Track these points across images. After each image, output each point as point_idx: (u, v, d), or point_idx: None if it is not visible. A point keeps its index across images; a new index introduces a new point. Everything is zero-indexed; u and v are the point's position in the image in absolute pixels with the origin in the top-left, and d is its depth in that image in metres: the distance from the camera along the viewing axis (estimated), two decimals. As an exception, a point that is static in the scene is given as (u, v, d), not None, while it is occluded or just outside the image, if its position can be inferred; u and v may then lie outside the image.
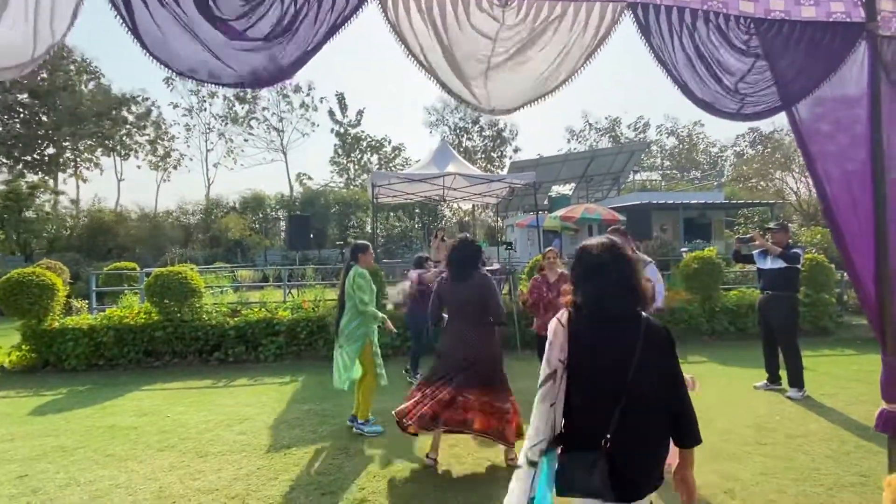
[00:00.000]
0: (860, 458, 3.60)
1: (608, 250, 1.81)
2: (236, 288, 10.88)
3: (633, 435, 1.68)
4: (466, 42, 2.29)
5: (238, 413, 4.92)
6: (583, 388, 1.75)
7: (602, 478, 1.64)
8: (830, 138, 2.57)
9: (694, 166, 40.12)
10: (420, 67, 2.35)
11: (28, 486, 3.41)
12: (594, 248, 1.84)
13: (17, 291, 6.85)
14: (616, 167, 23.63)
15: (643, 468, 1.72)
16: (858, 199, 2.44)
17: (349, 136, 35.70)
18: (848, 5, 2.47)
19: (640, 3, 2.34)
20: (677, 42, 2.42)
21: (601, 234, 2.13)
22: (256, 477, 3.48)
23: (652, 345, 1.71)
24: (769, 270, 5.29)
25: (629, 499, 1.69)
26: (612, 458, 1.66)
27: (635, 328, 1.73)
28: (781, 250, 5.11)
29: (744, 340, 7.87)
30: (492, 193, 11.05)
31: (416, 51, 2.33)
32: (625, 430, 1.66)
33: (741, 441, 3.95)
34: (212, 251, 22.54)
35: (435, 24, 2.25)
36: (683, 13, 2.40)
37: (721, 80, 2.44)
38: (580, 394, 1.76)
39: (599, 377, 1.73)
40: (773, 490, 3.17)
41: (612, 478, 1.64)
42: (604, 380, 1.72)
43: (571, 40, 2.34)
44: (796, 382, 5.05)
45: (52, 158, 26.69)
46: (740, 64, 2.43)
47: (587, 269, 1.83)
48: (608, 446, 1.66)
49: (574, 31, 2.34)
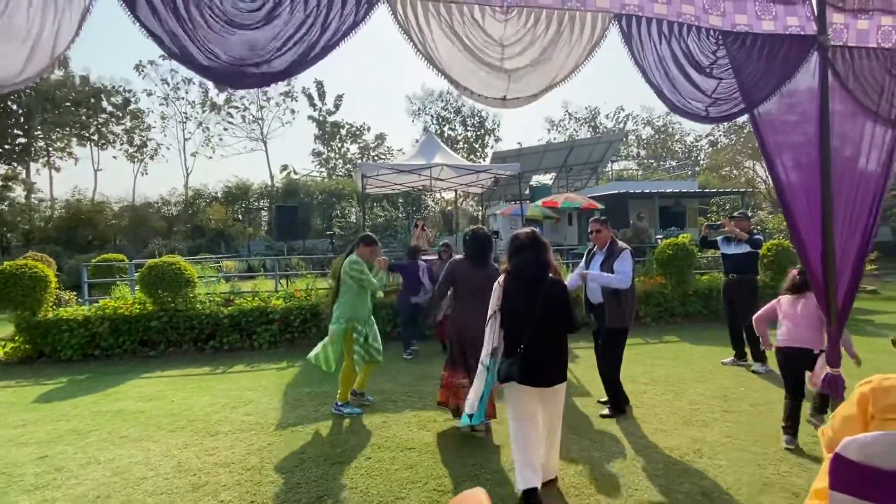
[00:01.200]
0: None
1: (529, 237, 2.96)
2: (228, 278, 10.99)
3: (539, 346, 2.82)
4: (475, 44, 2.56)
5: (241, 396, 5.15)
6: (510, 321, 2.92)
7: (518, 369, 2.78)
8: (785, 134, 2.91)
9: (670, 155, 41.02)
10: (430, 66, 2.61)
11: (51, 465, 3.61)
12: (521, 234, 2.99)
13: (9, 284, 6.89)
14: (595, 157, 24.13)
15: (547, 365, 2.86)
16: (808, 188, 2.80)
17: (327, 123, 35.46)
18: (802, 20, 2.82)
19: (625, 15, 2.65)
20: (654, 50, 2.73)
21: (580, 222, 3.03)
22: (268, 451, 3.74)
23: (551, 296, 2.85)
24: (733, 255, 5.75)
25: (540, 384, 2.85)
26: (526, 359, 2.79)
27: (542, 286, 2.85)
28: (748, 236, 5.54)
29: (715, 322, 8.36)
30: (477, 183, 11.33)
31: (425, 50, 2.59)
32: (534, 344, 2.81)
33: (709, 410, 4.36)
34: (194, 242, 22.37)
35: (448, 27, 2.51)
36: (661, 24, 2.71)
37: (691, 86, 2.77)
38: (508, 325, 2.92)
39: (518, 315, 2.87)
40: (736, 450, 3.57)
41: (526, 370, 2.78)
42: (521, 317, 2.85)
43: (569, 46, 2.63)
44: (759, 357, 5.50)
45: (24, 147, 25.97)
46: (707, 74, 2.76)
47: (515, 249, 2.96)
48: (522, 352, 2.80)
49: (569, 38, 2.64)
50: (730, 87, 2.84)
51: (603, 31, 2.71)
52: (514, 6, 2.57)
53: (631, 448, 3.64)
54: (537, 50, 2.68)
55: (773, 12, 2.81)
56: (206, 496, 3.09)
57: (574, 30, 2.68)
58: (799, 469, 3.26)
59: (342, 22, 2.40)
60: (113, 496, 3.13)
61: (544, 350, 2.83)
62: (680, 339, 7.24)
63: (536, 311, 2.79)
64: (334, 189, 27.99)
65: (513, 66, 2.70)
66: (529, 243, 2.91)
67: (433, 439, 3.87)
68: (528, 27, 2.64)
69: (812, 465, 3.29)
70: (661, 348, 6.77)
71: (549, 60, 2.71)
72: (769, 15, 2.82)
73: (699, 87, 2.79)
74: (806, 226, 2.83)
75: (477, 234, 4.04)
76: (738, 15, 2.79)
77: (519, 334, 2.83)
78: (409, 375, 5.69)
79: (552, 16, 2.66)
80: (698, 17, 2.76)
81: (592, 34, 2.70)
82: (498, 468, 3.38)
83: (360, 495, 3.06)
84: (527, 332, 2.80)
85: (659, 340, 7.22)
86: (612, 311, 4.20)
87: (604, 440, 3.80)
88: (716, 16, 2.78)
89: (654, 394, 4.83)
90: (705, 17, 2.77)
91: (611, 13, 2.67)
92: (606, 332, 4.28)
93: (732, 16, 2.79)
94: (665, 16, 2.73)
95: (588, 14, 2.67)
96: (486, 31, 2.58)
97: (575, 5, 2.61)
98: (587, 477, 3.21)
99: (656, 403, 4.56)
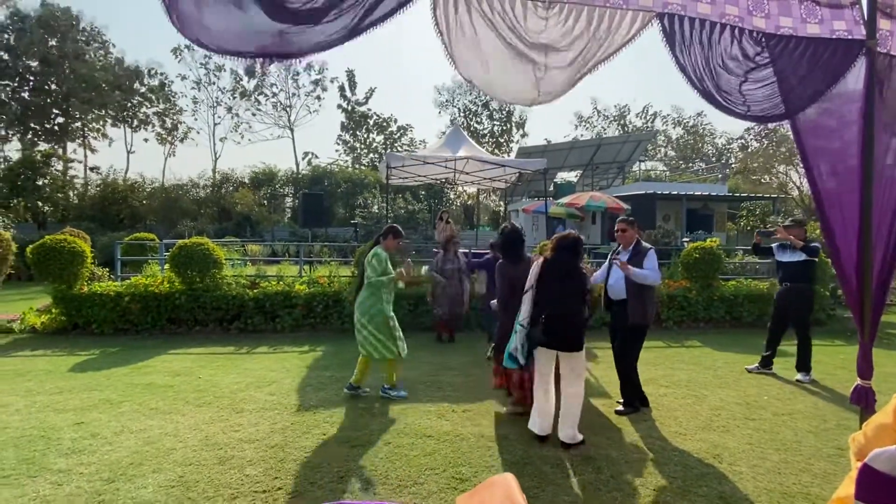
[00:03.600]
0: (839, 433, 3.96)
1: (574, 240, 3.80)
2: (253, 261, 11.23)
3: (557, 317, 3.60)
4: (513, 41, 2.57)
5: (265, 376, 5.29)
6: (539, 296, 3.69)
7: (541, 335, 3.60)
8: (826, 139, 2.85)
9: (699, 157, 40.14)
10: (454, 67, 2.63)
11: (87, 431, 3.78)
12: (570, 236, 3.83)
13: (49, 257, 7.18)
14: (622, 156, 23.77)
15: (567, 332, 3.61)
16: (846, 197, 2.73)
17: (356, 113, 35.69)
18: (849, 23, 2.74)
19: (667, 14, 2.62)
20: (697, 49, 2.70)
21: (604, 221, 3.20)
22: (291, 431, 3.85)
23: (574, 285, 3.70)
24: (789, 263, 5.58)
25: (560, 349, 3.64)
26: (548, 327, 3.59)
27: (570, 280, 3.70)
28: (803, 244, 5.40)
29: (738, 328, 8.24)
30: (501, 178, 11.30)
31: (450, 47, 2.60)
32: (554, 316, 3.60)
33: (730, 416, 4.32)
34: (221, 225, 22.84)
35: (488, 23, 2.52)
36: (704, 24, 2.67)
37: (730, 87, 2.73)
38: (537, 298, 3.69)
39: (547, 294, 3.66)
40: (757, 457, 3.54)
41: (549, 336, 3.59)
42: (548, 295, 3.66)
43: (605, 42, 2.62)
44: (805, 367, 5.41)
45: (62, 127, 26.81)
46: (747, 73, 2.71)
47: (560, 246, 3.78)
48: (544, 321, 3.60)
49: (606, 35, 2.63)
50: (769, 91, 2.79)
51: (640, 29, 2.68)
52: (556, 2, 2.57)
53: (649, 449, 3.64)
54: (576, 47, 2.67)
55: (819, 15, 2.74)
56: (232, 469, 3.21)
57: (612, 27, 2.67)
58: (821, 480, 3.22)
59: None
60: (145, 464, 3.27)
61: (561, 323, 3.61)
62: (702, 344, 7.15)
63: (561, 293, 3.64)
64: (357, 178, 28.20)
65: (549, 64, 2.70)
66: (572, 245, 3.76)
67: (451, 428, 3.93)
68: (567, 24, 2.64)
69: (835, 478, 3.24)
70: (683, 352, 6.70)
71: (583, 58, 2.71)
72: (815, 18, 2.75)
73: (740, 89, 2.75)
74: (841, 235, 2.77)
75: (512, 233, 4.35)
76: (783, 17, 2.72)
77: (544, 308, 3.63)
78: (430, 366, 5.76)
79: (593, 13, 2.65)
80: (742, 17, 2.71)
81: (629, 32, 2.68)
82: (515, 459, 3.42)
83: (380, 478, 3.13)
84: (550, 307, 3.61)
85: (681, 344, 7.14)
86: (636, 307, 4.21)
87: (621, 440, 3.80)
88: (760, 17, 2.73)
89: (674, 397, 4.80)
90: (749, 18, 2.72)
91: (653, 11, 2.64)
92: (628, 328, 4.28)
93: (777, 18, 2.72)
94: (708, 16, 2.69)
95: (629, 12, 2.65)
96: (527, 28, 2.58)
97: (618, 3, 2.59)
98: (604, 475, 3.22)
99: (676, 407, 4.53)
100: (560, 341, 3.62)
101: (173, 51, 30.78)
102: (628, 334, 4.33)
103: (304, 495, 2.92)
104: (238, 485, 3.02)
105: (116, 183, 24.96)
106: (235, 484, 3.03)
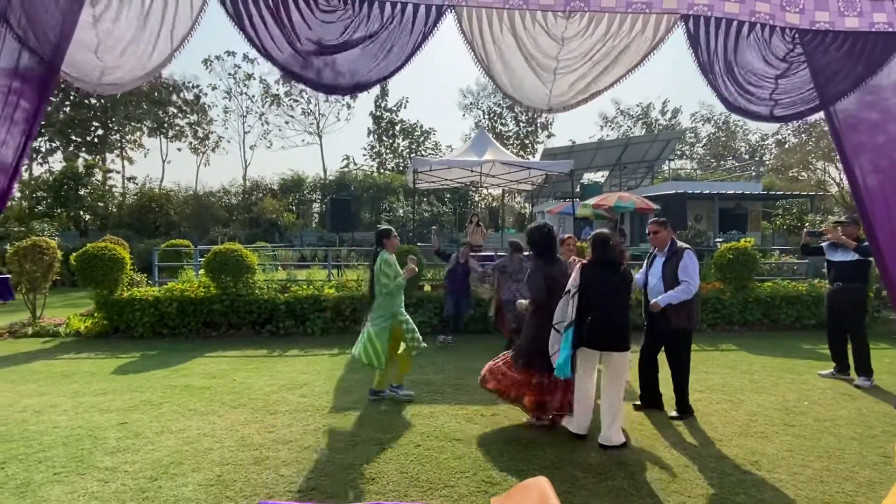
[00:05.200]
0: (885, 441, 3.80)
1: (605, 235, 3.83)
2: (284, 266, 11.49)
3: (603, 318, 3.60)
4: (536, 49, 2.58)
5: (296, 379, 5.40)
6: (585, 299, 3.62)
7: (585, 336, 3.62)
8: (868, 134, 2.75)
9: (731, 154, 39.01)
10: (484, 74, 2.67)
11: (130, 431, 3.94)
12: (601, 233, 3.86)
13: (92, 264, 7.51)
14: (651, 155, 23.32)
15: (612, 333, 3.64)
16: (890, 194, 2.63)
17: (384, 119, 36.07)
18: (891, 15, 2.65)
19: (692, 16, 2.58)
20: (721, 52, 2.64)
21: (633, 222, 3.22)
22: (323, 432, 3.93)
23: (623, 280, 3.73)
24: (840, 263, 5.39)
25: (601, 348, 3.67)
26: (592, 328, 3.59)
27: (617, 272, 3.71)
28: (856, 244, 5.19)
29: (775, 331, 7.98)
30: (528, 180, 11.26)
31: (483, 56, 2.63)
32: (600, 318, 3.60)
33: (768, 422, 4.19)
34: (251, 231, 23.41)
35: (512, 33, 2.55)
36: (731, 25, 2.62)
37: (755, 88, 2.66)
38: (584, 301, 3.62)
39: (592, 294, 3.62)
40: (798, 465, 3.42)
41: (592, 337, 3.61)
42: (594, 295, 3.62)
43: (629, 48, 2.60)
44: (864, 371, 5.20)
45: (101, 139, 27.95)
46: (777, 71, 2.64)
47: (596, 245, 3.78)
48: (590, 322, 3.59)
49: (629, 42, 2.60)
50: (802, 86, 2.70)
51: (666, 33, 2.64)
52: (576, 10, 2.56)
53: (684, 455, 3.57)
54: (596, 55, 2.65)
55: (859, 8, 2.66)
56: (268, 469, 3.29)
57: (634, 32, 2.63)
58: (866, 489, 3.10)
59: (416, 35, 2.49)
60: (185, 463, 3.39)
61: (605, 322, 3.61)
62: (737, 348, 6.95)
63: (610, 290, 3.65)
64: (383, 183, 28.48)
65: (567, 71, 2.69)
66: (607, 240, 3.79)
67: (480, 432, 3.94)
68: (588, 32, 2.62)
69: (881, 487, 3.11)
70: (717, 356, 6.52)
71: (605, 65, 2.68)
72: (854, 11, 2.67)
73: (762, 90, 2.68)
74: (884, 235, 2.67)
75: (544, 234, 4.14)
76: (819, 12, 2.65)
77: (589, 309, 3.62)
78: (455, 369, 5.77)
79: (614, 19, 2.62)
80: (773, 14, 2.65)
81: (654, 36, 2.64)
82: (546, 464, 3.39)
83: (410, 480, 3.16)
84: (596, 308, 3.60)
85: (715, 348, 6.96)
86: (678, 310, 4.11)
87: (655, 445, 3.74)
88: (793, 13, 2.66)
89: (708, 402, 4.69)
90: (781, 14, 2.66)
91: (678, 14, 2.60)
92: (671, 332, 4.20)
93: (812, 13, 2.65)
94: (736, 15, 2.63)
95: (652, 16, 2.61)
96: (548, 35, 2.59)
97: (640, 7, 2.56)
98: (637, 481, 3.18)
99: (711, 412, 4.42)
100: (607, 341, 3.64)
101: (204, 61, 31.76)
102: (672, 340, 4.24)
103: (338, 496, 2.97)
104: (273, 485, 3.10)
105: (153, 191, 25.88)
106: (271, 484, 3.11)
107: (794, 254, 11.27)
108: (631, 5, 2.53)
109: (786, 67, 2.63)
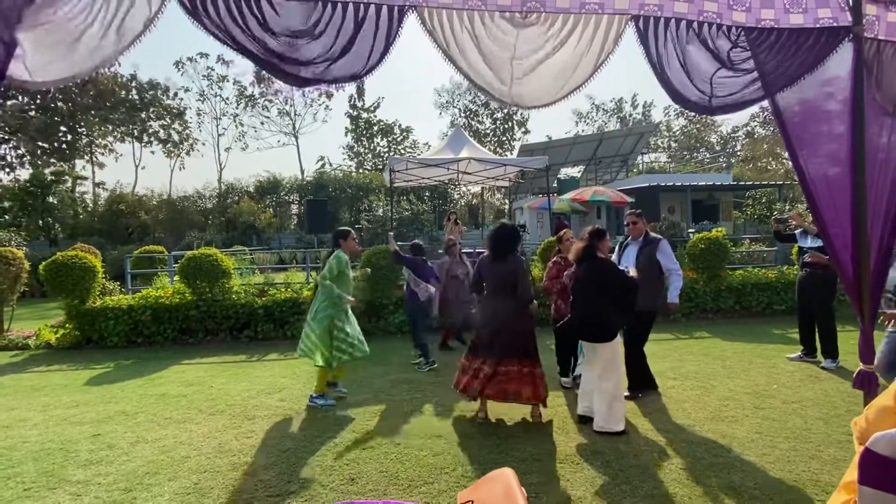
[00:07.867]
0: (849, 420, 3.88)
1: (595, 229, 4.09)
2: (261, 270, 11.35)
3: (585, 312, 3.91)
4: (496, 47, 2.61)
5: (275, 383, 5.36)
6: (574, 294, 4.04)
7: (568, 327, 4.03)
8: (814, 123, 2.84)
9: (704, 147, 39.87)
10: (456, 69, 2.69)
11: (103, 443, 3.86)
12: (592, 228, 4.07)
13: (61, 273, 7.32)
14: (625, 149, 23.71)
15: (585, 327, 3.92)
16: (835, 184, 2.73)
17: (361, 119, 35.86)
18: (835, 11, 2.74)
19: (642, 16, 2.64)
20: (671, 49, 2.71)
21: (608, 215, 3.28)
22: (302, 435, 3.91)
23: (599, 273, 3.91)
24: (809, 249, 5.59)
25: (588, 339, 3.94)
26: (575, 320, 3.96)
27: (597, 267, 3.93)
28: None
29: (748, 318, 8.21)
30: (504, 177, 11.32)
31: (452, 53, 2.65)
32: (583, 312, 3.92)
33: (739, 406, 4.32)
34: (228, 234, 23.05)
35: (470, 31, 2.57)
36: (680, 24, 2.69)
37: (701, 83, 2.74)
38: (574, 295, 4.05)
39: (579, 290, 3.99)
40: (767, 446, 3.54)
41: (578, 328, 3.97)
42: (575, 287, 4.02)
43: (586, 49, 2.65)
44: (831, 353, 5.40)
45: (69, 144, 27.16)
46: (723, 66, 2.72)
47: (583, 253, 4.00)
48: (572, 316, 4.00)
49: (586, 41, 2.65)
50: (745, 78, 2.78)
51: (618, 34, 2.69)
52: (532, 11, 2.59)
53: (658, 441, 3.66)
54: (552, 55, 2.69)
55: (804, 4, 2.74)
56: (247, 475, 3.27)
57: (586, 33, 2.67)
58: (831, 466, 3.22)
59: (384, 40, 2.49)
60: (161, 472, 3.34)
61: (580, 316, 3.94)
62: (711, 335, 7.13)
63: (587, 282, 3.91)
64: (362, 183, 28.33)
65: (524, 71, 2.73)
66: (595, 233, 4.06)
67: (460, 428, 3.97)
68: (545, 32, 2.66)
69: (845, 464, 3.24)
70: (691, 344, 6.69)
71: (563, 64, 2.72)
72: (799, 8, 2.75)
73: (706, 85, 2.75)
74: (833, 222, 2.76)
75: (495, 229, 4.23)
76: (765, 10, 2.72)
77: (573, 303, 4.04)
78: (437, 365, 5.79)
79: (568, 20, 2.66)
80: (721, 14, 2.71)
81: (606, 37, 2.69)
82: (524, 456, 3.45)
83: (389, 478, 3.18)
84: (580, 302, 3.96)
85: (689, 336, 7.13)
86: (644, 293, 4.21)
87: (630, 433, 3.82)
88: (740, 11, 2.73)
89: (682, 389, 4.81)
90: (728, 13, 2.72)
91: (629, 14, 2.66)
92: (637, 314, 4.31)
93: (758, 10, 2.72)
94: (685, 14, 2.70)
95: (604, 17, 2.66)
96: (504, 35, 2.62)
97: (593, 8, 2.61)
98: (612, 469, 3.25)
99: (685, 398, 4.54)
100: (585, 333, 3.94)
101: (175, 63, 31.11)
102: (638, 320, 4.39)
103: (317, 498, 2.97)
104: (252, 490, 3.08)
105: (124, 196, 25.27)
106: (250, 489, 3.09)
107: (763, 242, 11.59)
108: (584, 6, 2.58)
109: (731, 63, 2.70)
